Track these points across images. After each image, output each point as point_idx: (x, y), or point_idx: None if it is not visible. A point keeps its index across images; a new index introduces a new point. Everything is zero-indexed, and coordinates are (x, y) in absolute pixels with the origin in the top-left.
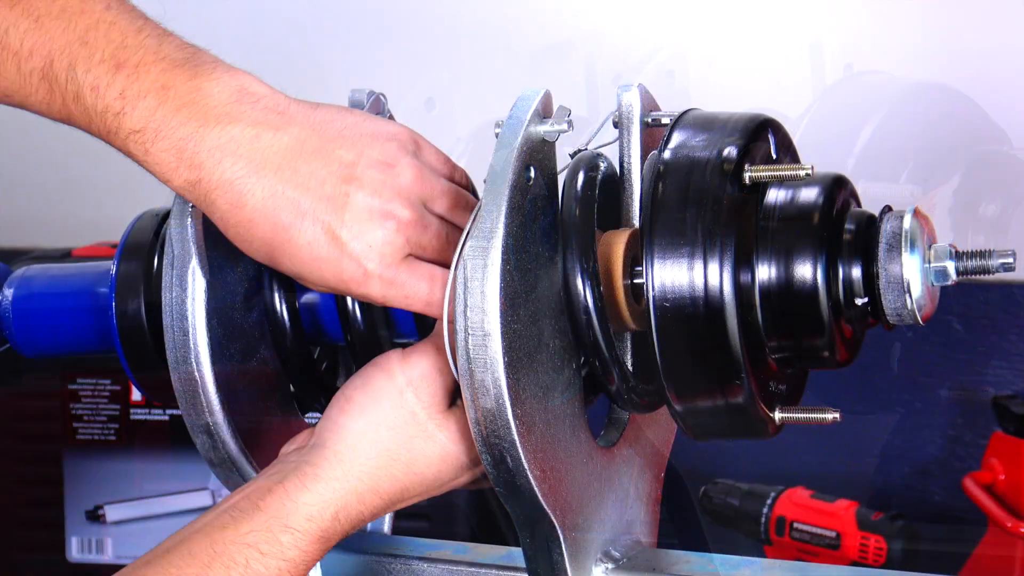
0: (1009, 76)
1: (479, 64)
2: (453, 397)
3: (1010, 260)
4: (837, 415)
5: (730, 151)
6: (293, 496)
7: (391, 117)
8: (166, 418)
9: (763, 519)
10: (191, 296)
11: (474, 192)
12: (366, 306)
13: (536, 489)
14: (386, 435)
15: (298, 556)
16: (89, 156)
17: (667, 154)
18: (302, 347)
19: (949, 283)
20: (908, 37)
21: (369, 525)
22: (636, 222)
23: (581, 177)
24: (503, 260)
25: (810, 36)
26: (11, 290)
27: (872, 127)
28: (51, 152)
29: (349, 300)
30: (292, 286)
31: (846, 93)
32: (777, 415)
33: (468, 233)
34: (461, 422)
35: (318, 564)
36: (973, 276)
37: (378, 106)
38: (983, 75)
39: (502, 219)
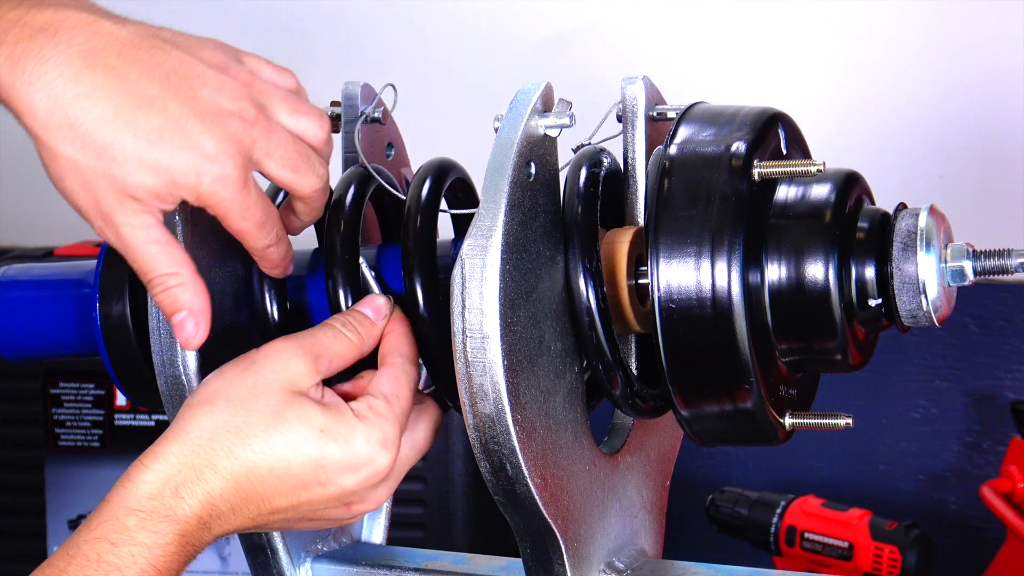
0: (1016, 70)
1: (478, 57)
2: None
3: None
4: (850, 421)
5: (739, 146)
6: (133, 477)
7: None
8: (152, 424)
9: (772, 529)
10: None
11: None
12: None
13: (537, 497)
14: (222, 406)
15: (150, 540)
16: None
17: (673, 149)
18: None
19: (966, 283)
20: (914, 32)
21: (363, 535)
22: (641, 220)
23: (583, 173)
24: (502, 259)
25: (817, 29)
26: None
27: (886, 121)
28: (31, 149)
29: (341, 299)
30: (283, 285)
31: (857, 86)
32: (787, 421)
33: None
34: (326, 408)
35: None
36: (991, 276)
37: (370, 95)
38: (990, 70)
39: (501, 217)
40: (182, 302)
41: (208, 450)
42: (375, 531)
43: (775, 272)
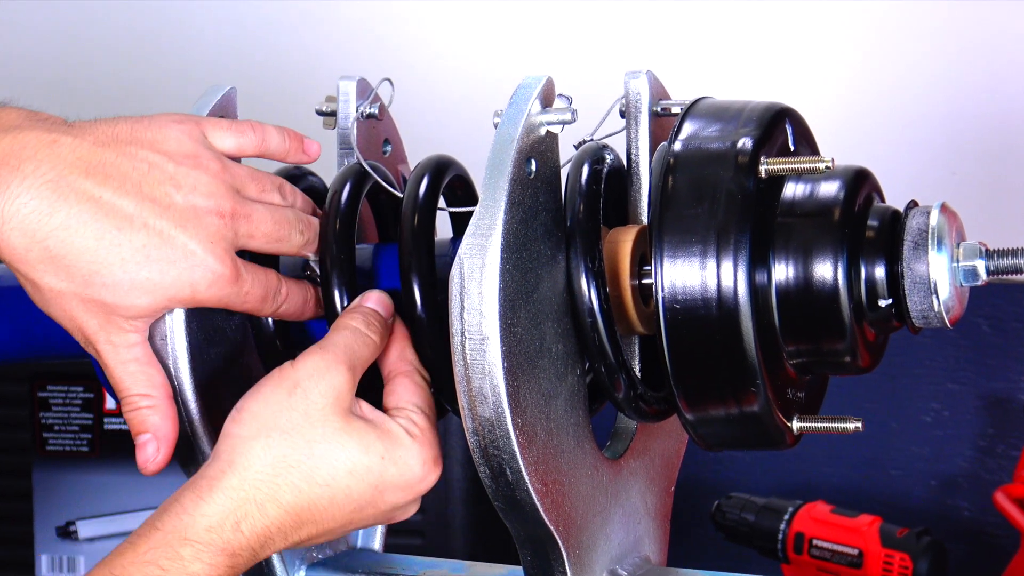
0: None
1: (477, 51)
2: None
3: None
4: (859, 424)
5: (745, 142)
6: (190, 510)
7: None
8: None
9: (780, 535)
10: None
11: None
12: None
13: (538, 504)
14: (278, 439)
15: (203, 571)
16: None
17: (678, 145)
18: (287, 352)
19: (979, 283)
20: (926, 25)
21: (359, 542)
22: (644, 218)
23: (586, 170)
24: (502, 259)
25: (825, 23)
26: None
27: (896, 117)
28: None
29: (336, 301)
30: None
31: (866, 80)
32: (795, 424)
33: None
34: (380, 430)
35: None
36: (1005, 276)
37: (366, 90)
38: (1004, 64)
39: (501, 215)
40: (148, 425)
41: (271, 486)
42: (372, 538)
43: (782, 272)
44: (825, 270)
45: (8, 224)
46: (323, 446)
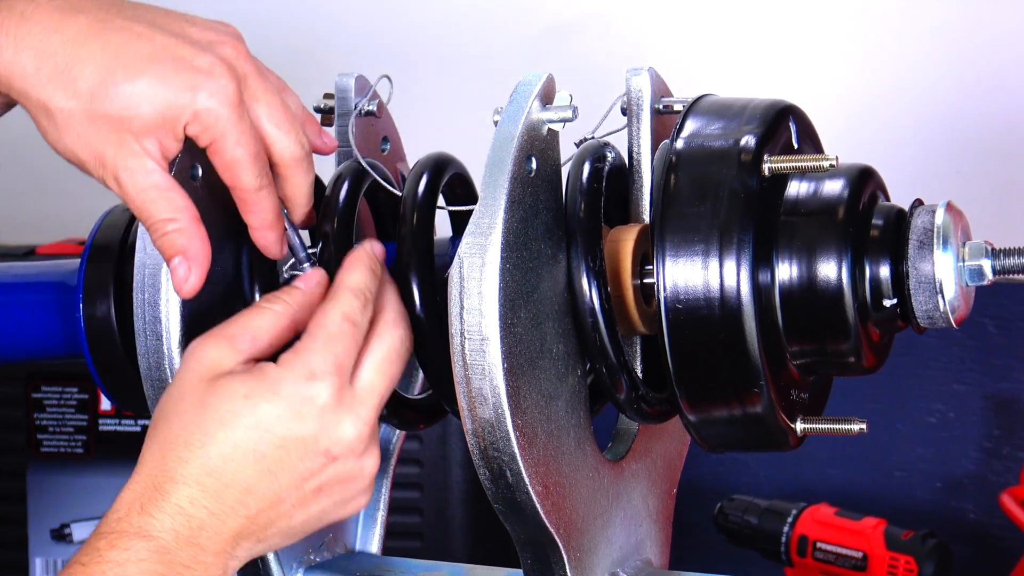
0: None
1: (477, 48)
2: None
3: None
4: (863, 426)
5: (748, 140)
6: (110, 509)
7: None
8: (138, 429)
9: (784, 538)
10: (165, 298)
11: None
12: None
13: (538, 506)
14: (162, 426)
15: (120, 556)
16: None
17: (680, 143)
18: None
19: (985, 283)
20: (930, 21)
21: (357, 545)
22: (646, 217)
23: (587, 168)
24: (502, 258)
25: (829, 19)
26: None
27: (901, 114)
28: (13, 143)
29: None
30: (275, 286)
31: (871, 78)
32: (799, 426)
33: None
34: (244, 374)
35: None
36: (1011, 275)
37: (364, 87)
38: (1009, 62)
39: (501, 214)
40: (177, 247)
41: (162, 466)
42: (370, 541)
43: (786, 271)
44: (829, 269)
45: (20, 44)
46: (193, 412)
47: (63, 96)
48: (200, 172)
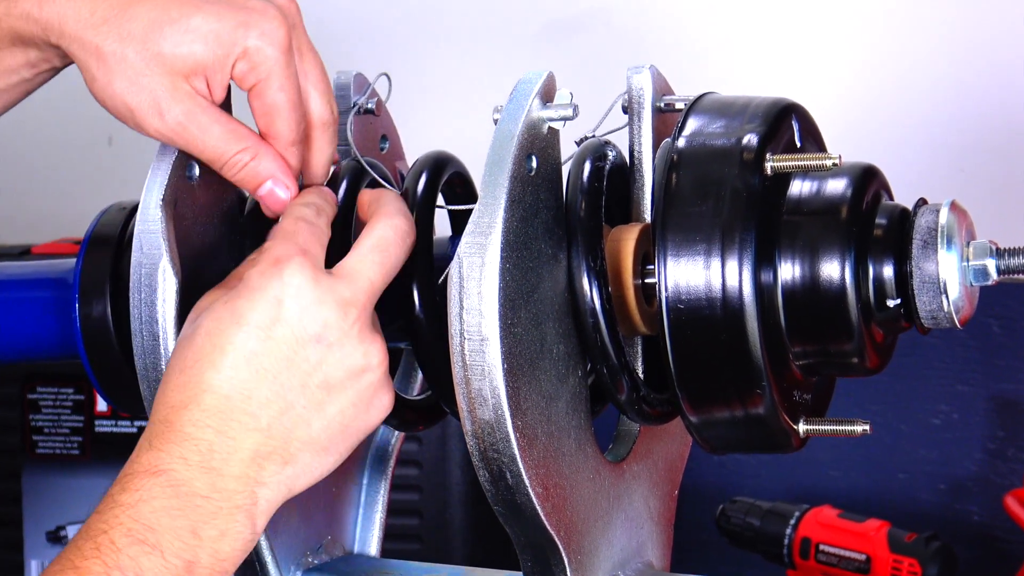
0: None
1: (477, 45)
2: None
3: None
4: (867, 427)
5: (750, 139)
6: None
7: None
8: (134, 430)
9: (786, 541)
10: (162, 297)
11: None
12: None
13: (538, 508)
14: (173, 361)
15: (132, 498)
16: (50, 146)
17: (681, 142)
18: None
19: (989, 283)
20: (934, 19)
21: (356, 547)
22: (647, 216)
23: (587, 167)
24: (502, 258)
25: (832, 17)
26: None
27: (904, 113)
28: (8, 142)
29: None
30: None
31: (874, 76)
32: (801, 427)
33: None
34: (221, 287)
35: None
36: (1016, 275)
37: (363, 85)
38: (1013, 60)
39: (501, 213)
40: (262, 173)
41: (165, 401)
42: (369, 543)
43: (789, 271)
44: (832, 269)
45: None
46: (183, 339)
47: (116, 38)
48: (197, 172)
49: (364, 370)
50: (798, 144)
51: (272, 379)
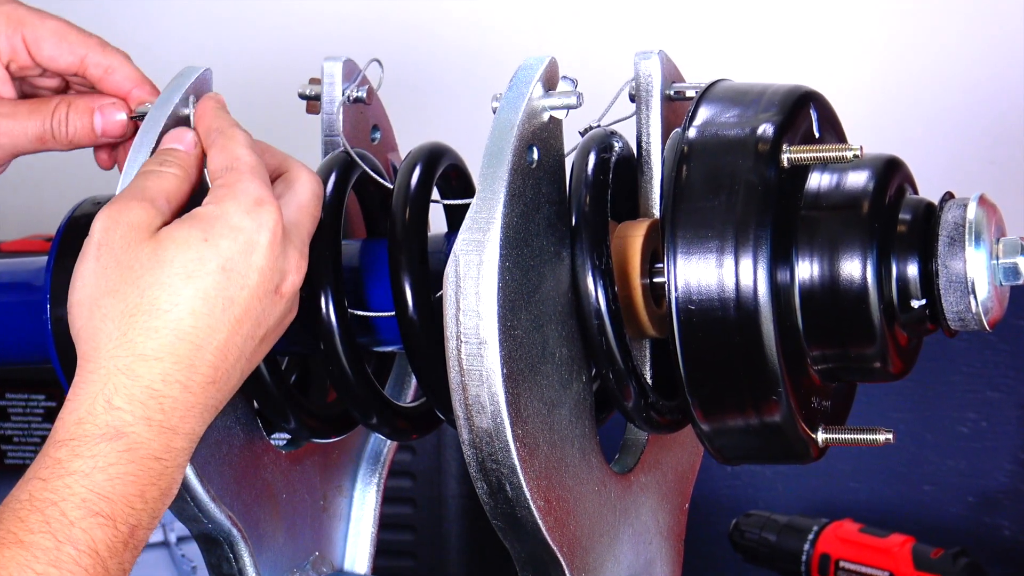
0: None
1: (474, 29)
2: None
3: None
4: (890, 436)
5: (766, 129)
6: (60, 417)
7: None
8: None
9: (804, 557)
10: None
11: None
12: (341, 312)
13: (540, 522)
14: (108, 302)
15: (87, 466)
16: None
17: (692, 132)
18: (267, 357)
19: (1020, 283)
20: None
21: (345, 564)
22: (656, 211)
23: (592, 159)
24: (501, 256)
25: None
26: None
27: (930, 101)
28: None
29: (322, 305)
30: None
31: (897, 62)
32: (820, 436)
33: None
34: (191, 219)
35: None
36: None
37: (353, 71)
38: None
39: (500, 208)
40: (82, 110)
41: (126, 345)
42: (358, 559)
43: (806, 270)
44: (853, 268)
45: None
46: (148, 276)
47: None
48: None
49: (276, 329)
50: (816, 134)
51: (238, 329)
